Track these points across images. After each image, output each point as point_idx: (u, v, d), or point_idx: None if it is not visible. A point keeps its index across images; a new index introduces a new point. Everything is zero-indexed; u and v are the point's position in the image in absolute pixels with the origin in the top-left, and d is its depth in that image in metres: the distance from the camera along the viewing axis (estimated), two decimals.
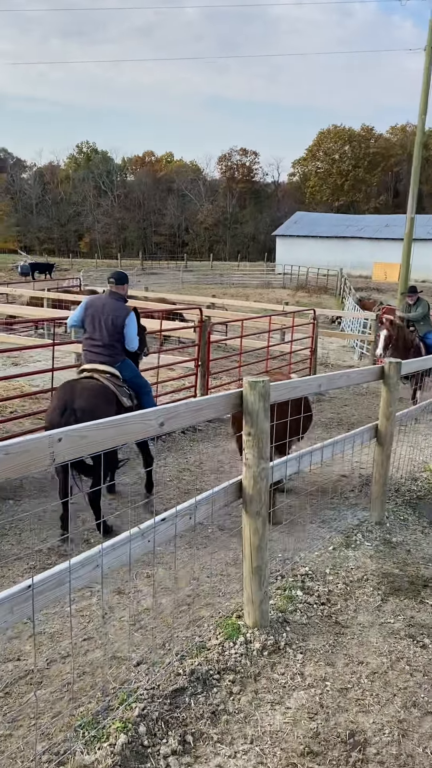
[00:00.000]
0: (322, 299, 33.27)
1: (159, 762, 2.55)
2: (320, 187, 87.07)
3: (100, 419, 4.83)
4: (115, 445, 2.59)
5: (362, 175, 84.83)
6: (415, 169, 16.33)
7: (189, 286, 37.75)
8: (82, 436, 2.35)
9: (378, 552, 4.66)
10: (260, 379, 3.28)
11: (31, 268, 40.15)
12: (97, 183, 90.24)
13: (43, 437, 2.20)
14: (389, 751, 2.70)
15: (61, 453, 2.27)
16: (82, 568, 2.43)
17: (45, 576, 2.28)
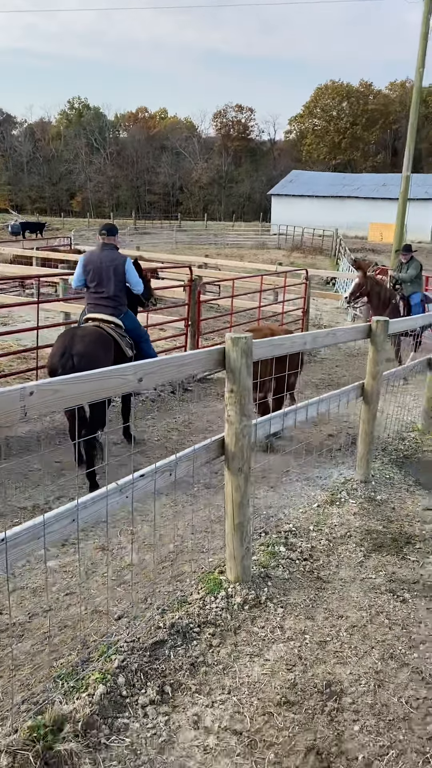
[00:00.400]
0: (317, 260, 32.95)
1: (137, 711, 2.59)
2: (317, 145, 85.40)
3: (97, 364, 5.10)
4: (90, 400, 2.56)
5: (360, 132, 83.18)
6: (411, 125, 15.96)
7: (182, 246, 37.30)
8: (54, 390, 2.31)
9: (362, 509, 4.68)
10: (243, 335, 3.24)
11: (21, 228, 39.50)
12: (89, 140, 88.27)
13: (14, 390, 2.16)
14: (365, 701, 2.74)
15: (33, 407, 2.23)
16: (58, 522, 2.42)
17: (19, 530, 2.27)
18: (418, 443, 6.40)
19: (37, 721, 2.39)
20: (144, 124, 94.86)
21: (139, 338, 6.06)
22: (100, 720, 2.50)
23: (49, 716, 2.44)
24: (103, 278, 5.79)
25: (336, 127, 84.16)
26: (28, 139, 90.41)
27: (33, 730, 2.36)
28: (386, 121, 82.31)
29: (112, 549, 4.04)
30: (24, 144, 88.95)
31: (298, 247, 38.74)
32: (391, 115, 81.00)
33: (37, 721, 2.40)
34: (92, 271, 5.82)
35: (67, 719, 2.45)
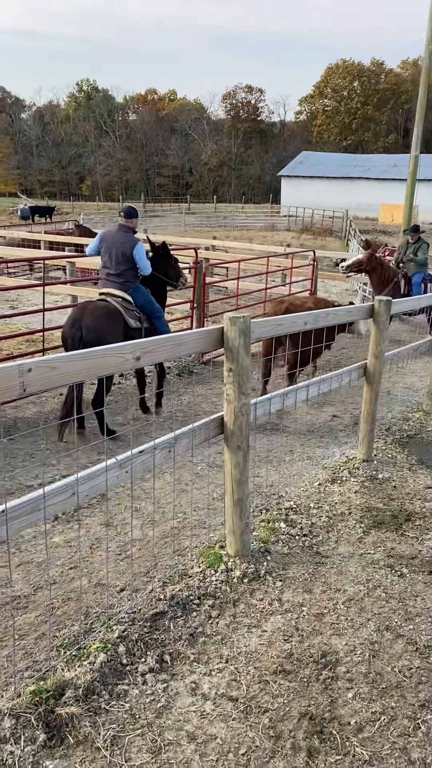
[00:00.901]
0: (326, 242, 32.73)
1: (136, 678, 2.67)
2: (328, 125, 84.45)
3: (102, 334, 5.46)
4: (88, 378, 2.62)
5: (371, 113, 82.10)
6: (420, 104, 15.73)
7: (191, 229, 37.15)
8: (52, 367, 2.37)
9: (363, 487, 4.74)
10: (241, 315, 3.28)
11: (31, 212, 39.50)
12: (98, 123, 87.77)
13: (12, 367, 2.22)
14: (359, 670, 2.81)
15: (32, 383, 2.29)
16: (58, 495, 2.49)
17: (19, 502, 2.34)
18: (423, 423, 6.43)
19: (39, 686, 2.49)
20: (153, 106, 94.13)
21: (152, 313, 6.42)
22: (100, 686, 2.59)
23: (51, 682, 2.53)
24: (113, 256, 6.19)
25: (347, 107, 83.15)
26: (37, 122, 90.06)
27: (35, 694, 2.45)
28: (398, 101, 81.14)
29: (115, 525, 4.12)
30: (33, 127, 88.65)
31: (308, 228, 38.48)
32: (402, 94, 79.82)
33: (40, 686, 2.49)
34: (105, 248, 6.25)
35: (68, 685, 2.54)
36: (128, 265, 6.20)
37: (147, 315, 6.37)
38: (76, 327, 5.70)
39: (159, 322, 6.49)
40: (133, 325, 6.10)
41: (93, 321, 5.73)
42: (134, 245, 6.19)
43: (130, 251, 6.17)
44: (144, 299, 6.37)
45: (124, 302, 6.15)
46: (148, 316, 6.39)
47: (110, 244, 6.22)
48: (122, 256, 6.17)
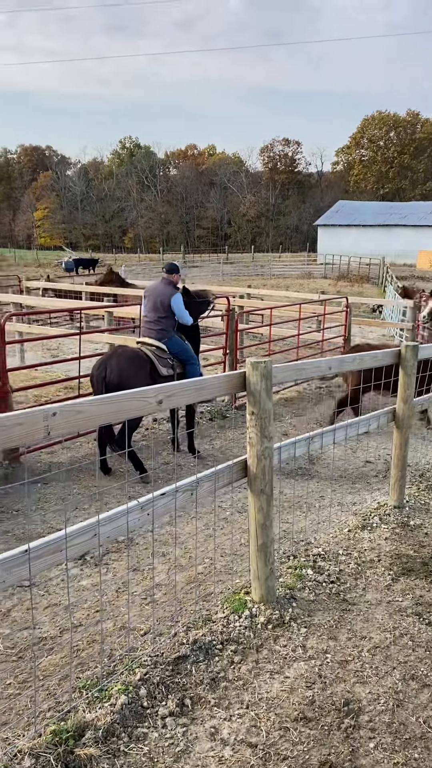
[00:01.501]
0: (363, 288, 32.85)
1: (156, 722, 2.68)
2: (365, 175, 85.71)
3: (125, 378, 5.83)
4: (112, 421, 2.72)
5: (408, 161, 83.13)
6: None
7: (229, 278, 37.79)
8: (77, 411, 2.48)
9: (394, 534, 4.68)
10: (262, 360, 3.36)
11: (75, 264, 40.86)
12: (140, 178, 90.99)
13: (38, 411, 2.34)
14: (382, 719, 2.76)
15: (56, 426, 2.40)
16: (80, 535, 2.57)
17: (42, 542, 2.43)
18: None
19: (59, 727, 2.52)
20: (193, 160, 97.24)
21: (186, 360, 6.76)
22: (120, 728, 2.60)
23: (71, 723, 2.56)
24: (153, 307, 6.65)
25: (383, 156, 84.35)
26: (82, 178, 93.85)
27: (56, 734, 2.48)
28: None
29: (142, 569, 4.16)
30: (78, 184, 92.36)
31: (344, 276, 38.71)
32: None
33: (60, 727, 2.52)
34: (146, 298, 6.75)
35: (88, 726, 2.57)
36: (165, 314, 6.60)
37: (181, 362, 6.69)
38: (101, 368, 6.05)
39: (192, 369, 6.76)
40: (164, 372, 6.37)
41: (118, 364, 6.08)
42: (171, 295, 6.62)
43: (168, 301, 6.59)
44: (178, 347, 6.69)
45: (158, 350, 6.48)
46: (183, 362, 6.70)
47: (151, 296, 6.68)
48: (161, 305, 6.58)
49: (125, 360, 6.16)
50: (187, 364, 6.74)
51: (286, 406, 9.34)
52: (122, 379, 5.89)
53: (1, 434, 2.20)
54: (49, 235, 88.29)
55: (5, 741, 2.53)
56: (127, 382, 5.68)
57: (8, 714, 2.76)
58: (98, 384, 6.01)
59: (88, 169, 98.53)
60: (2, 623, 3.56)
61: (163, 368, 6.38)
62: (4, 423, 2.21)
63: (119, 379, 5.88)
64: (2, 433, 2.20)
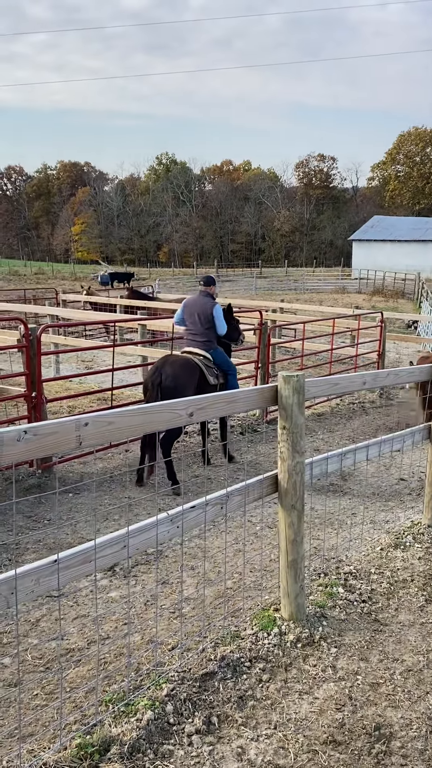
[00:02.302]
0: (398, 304, 32.51)
1: (182, 739, 2.64)
2: (400, 190, 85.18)
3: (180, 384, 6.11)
4: (143, 433, 2.71)
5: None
6: None
7: (262, 293, 37.82)
8: (109, 422, 2.48)
9: (428, 554, 4.56)
10: (295, 373, 3.33)
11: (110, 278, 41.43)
12: (175, 193, 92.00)
13: (70, 421, 2.35)
14: (414, 746, 2.67)
15: (87, 437, 2.40)
16: (109, 547, 2.56)
17: (71, 552, 2.42)
18: None
19: (85, 740, 2.50)
20: (228, 176, 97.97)
21: (227, 371, 7.02)
22: (146, 744, 2.57)
23: (97, 737, 2.54)
24: (195, 319, 6.87)
25: (420, 172, 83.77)
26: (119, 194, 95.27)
27: (81, 748, 2.46)
28: None
29: (171, 582, 4.14)
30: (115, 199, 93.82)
31: (379, 291, 38.39)
32: None
33: (86, 741, 2.50)
34: (188, 312, 6.94)
35: (114, 741, 2.54)
36: (209, 326, 6.85)
37: (223, 372, 6.96)
38: (156, 374, 6.27)
39: (233, 379, 7.07)
40: (212, 381, 6.68)
41: (173, 370, 6.32)
42: (213, 306, 6.89)
43: (210, 312, 6.83)
44: (222, 358, 6.99)
45: (205, 360, 6.77)
46: (225, 373, 6.97)
47: (192, 309, 6.90)
48: (204, 317, 6.82)
49: (179, 366, 6.40)
50: (229, 375, 7.00)
51: (318, 421, 9.26)
52: (177, 384, 6.16)
53: (35, 443, 2.21)
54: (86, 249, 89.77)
55: (31, 753, 2.52)
56: (181, 387, 6.08)
57: (34, 725, 2.75)
58: (153, 389, 6.18)
59: (125, 184, 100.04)
60: (31, 633, 3.57)
61: (211, 377, 6.66)
62: (38, 432, 2.22)
63: (174, 384, 6.13)
64: (36, 442, 2.21)
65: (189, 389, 6.21)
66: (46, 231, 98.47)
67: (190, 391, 6.20)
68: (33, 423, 2.24)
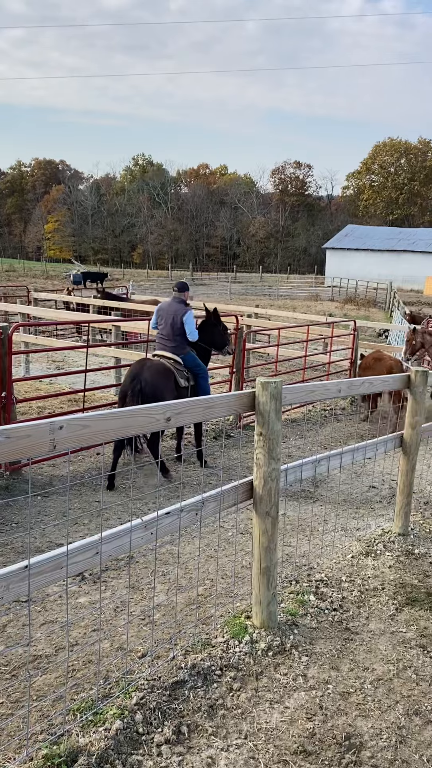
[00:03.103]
0: (370, 312, 32.88)
1: (152, 749, 2.60)
2: (374, 200, 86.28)
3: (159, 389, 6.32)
4: (119, 437, 2.67)
5: (418, 188, 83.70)
6: None
7: (237, 297, 37.90)
8: (84, 425, 2.43)
9: (398, 562, 4.59)
10: (273, 380, 3.32)
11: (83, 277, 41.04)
12: (151, 195, 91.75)
13: (45, 424, 2.29)
14: (384, 756, 2.67)
15: (62, 441, 2.35)
16: (82, 553, 2.51)
17: (42, 558, 2.37)
18: None
19: (52, 751, 2.44)
20: (204, 179, 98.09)
21: (197, 375, 7.11)
22: (114, 755, 2.52)
23: (64, 747, 2.48)
24: (167, 324, 6.99)
25: (394, 183, 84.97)
26: (94, 193, 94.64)
27: (48, 759, 2.40)
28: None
29: (141, 588, 4.09)
30: (89, 198, 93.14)
31: (351, 299, 38.80)
32: None
33: (53, 751, 2.44)
34: (160, 317, 7.08)
35: (81, 751, 2.49)
36: (180, 332, 6.96)
37: (194, 375, 7.06)
38: (136, 381, 6.39)
39: (203, 381, 7.16)
40: (183, 384, 6.82)
41: (151, 376, 6.48)
42: (185, 313, 6.97)
43: (180, 319, 6.93)
44: (192, 362, 7.09)
45: (176, 363, 6.92)
46: (195, 375, 7.07)
47: (165, 313, 7.03)
48: (176, 323, 6.93)
49: (155, 372, 6.59)
50: (199, 377, 7.10)
51: (291, 427, 9.28)
52: (156, 391, 6.37)
53: (8, 446, 2.16)
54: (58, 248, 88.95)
55: None
56: (160, 393, 6.33)
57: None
58: (134, 397, 6.28)
59: (100, 184, 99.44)
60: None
61: (182, 380, 6.82)
62: (10, 435, 2.17)
63: (153, 391, 6.34)
64: (8, 445, 2.16)
65: (168, 394, 6.42)
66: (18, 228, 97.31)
67: (169, 395, 6.40)
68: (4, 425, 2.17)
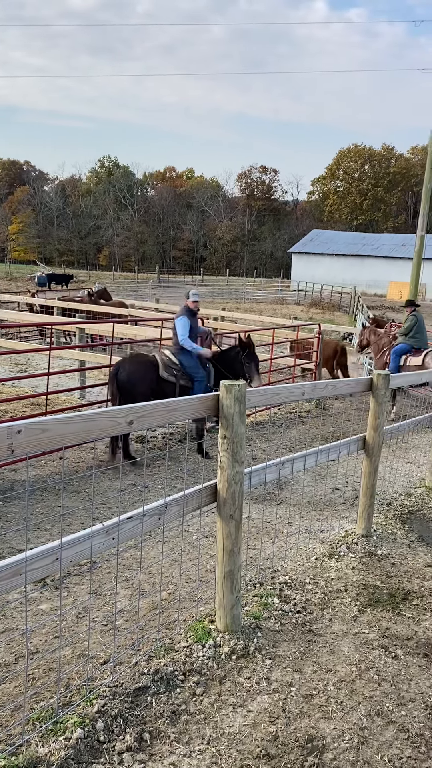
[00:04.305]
0: (335, 316, 33.23)
1: (113, 758, 2.56)
2: (339, 205, 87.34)
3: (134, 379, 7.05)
4: (79, 442, 2.63)
5: (382, 194, 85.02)
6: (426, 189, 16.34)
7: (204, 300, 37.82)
8: (43, 429, 2.39)
9: (361, 564, 4.63)
10: (237, 382, 3.31)
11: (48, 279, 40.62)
12: (117, 197, 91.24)
13: (2, 428, 2.24)
14: (346, 757, 2.68)
15: (20, 445, 2.31)
16: (41, 559, 2.46)
17: (0, 565, 2.31)
18: (425, 500, 6.34)
19: (10, 762, 2.38)
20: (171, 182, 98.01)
21: (193, 377, 7.50)
22: (74, 764, 2.48)
23: (23, 757, 2.43)
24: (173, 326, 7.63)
25: (358, 188, 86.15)
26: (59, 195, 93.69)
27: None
28: (407, 184, 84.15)
29: (104, 594, 4.04)
30: (55, 200, 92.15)
31: (316, 303, 39.16)
32: (412, 177, 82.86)
33: (10, 762, 2.39)
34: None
35: (41, 762, 2.44)
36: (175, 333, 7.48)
37: (190, 376, 7.44)
38: (116, 368, 7.17)
39: (198, 385, 7.51)
40: (165, 376, 7.29)
41: (129, 365, 7.27)
42: (177, 317, 7.53)
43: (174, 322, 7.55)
44: (188, 363, 7.45)
45: (169, 360, 7.40)
46: (191, 377, 7.45)
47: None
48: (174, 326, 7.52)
49: (135, 363, 7.34)
50: (195, 381, 7.48)
51: (256, 430, 9.31)
52: (130, 378, 7.05)
53: None
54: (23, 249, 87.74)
55: None
56: (133, 381, 7.01)
57: None
58: (111, 382, 7.15)
59: (66, 185, 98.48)
60: None
61: (165, 373, 7.29)
62: None
63: (128, 377, 7.03)
64: None
65: (142, 383, 7.07)
66: None
67: (144, 385, 7.07)
68: None
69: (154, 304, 21.42)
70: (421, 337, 10.86)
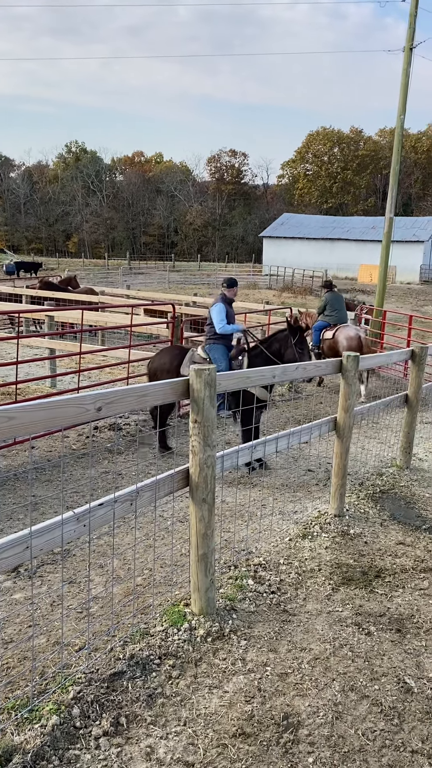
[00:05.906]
0: (306, 300, 33.35)
1: (89, 743, 2.56)
2: (309, 189, 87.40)
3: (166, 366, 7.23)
4: (46, 430, 2.61)
5: (351, 177, 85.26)
6: (393, 170, 16.41)
7: (175, 286, 37.73)
8: (9, 417, 2.35)
9: (334, 543, 4.69)
10: (207, 367, 3.31)
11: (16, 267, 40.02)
12: (85, 183, 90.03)
13: None
14: (321, 733, 2.72)
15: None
16: (11, 548, 2.44)
17: None
18: (396, 479, 6.42)
19: None
20: (140, 167, 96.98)
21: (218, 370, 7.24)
22: (50, 751, 2.48)
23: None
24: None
25: (327, 171, 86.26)
26: (26, 181, 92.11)
27: None
28: (376, 167, 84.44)
29: (78, 581, 4.02)
30: (21, 186, 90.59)
31: (288, 287, 39.25)
32: (381, 160, 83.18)
33: None
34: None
35: (16, 750, 2.43)
36: (210, 322, 7.21)
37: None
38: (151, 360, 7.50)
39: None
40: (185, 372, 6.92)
41: (158, 358, 7.48)
42: (214, 304, 7.21)
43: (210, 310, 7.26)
44: (216, 356, 7.15)
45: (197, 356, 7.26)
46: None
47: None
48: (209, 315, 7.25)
49: (167, 354, 7.45)
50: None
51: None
52: (156, 368, 7.28)
53: None
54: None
55: None
56: (160, 370, 7.16)
57: None
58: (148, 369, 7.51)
59: (33, 171, 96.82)
60: None
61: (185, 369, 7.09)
62: None
63: (154, 368, 7.31)
64: None
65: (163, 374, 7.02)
66: None
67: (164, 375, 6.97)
68: None
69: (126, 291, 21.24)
70: (338, 315, 11.69)
